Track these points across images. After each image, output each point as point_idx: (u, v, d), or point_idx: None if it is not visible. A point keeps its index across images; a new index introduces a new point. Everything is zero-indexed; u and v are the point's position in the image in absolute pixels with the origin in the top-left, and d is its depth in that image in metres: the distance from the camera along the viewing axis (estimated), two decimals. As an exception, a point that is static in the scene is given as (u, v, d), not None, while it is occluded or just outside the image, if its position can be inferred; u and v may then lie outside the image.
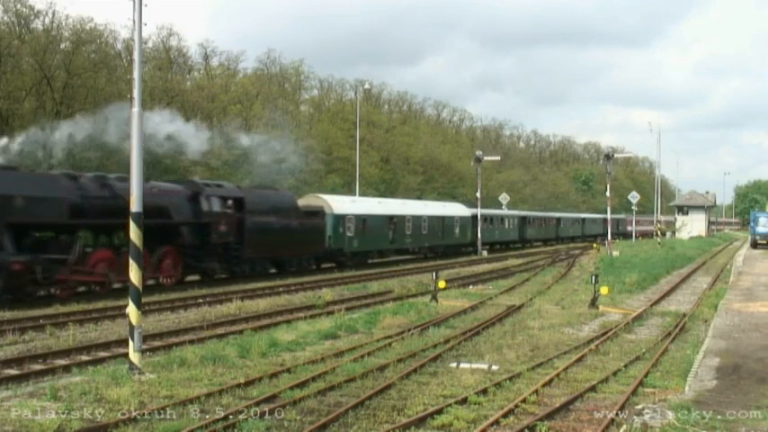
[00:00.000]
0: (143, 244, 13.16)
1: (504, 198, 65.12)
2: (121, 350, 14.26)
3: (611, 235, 71.48)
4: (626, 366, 13.60)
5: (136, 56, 13.07)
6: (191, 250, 27.51)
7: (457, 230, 50.64)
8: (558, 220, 76.81)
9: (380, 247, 41.55)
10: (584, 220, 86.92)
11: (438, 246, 48.52)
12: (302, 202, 37.00)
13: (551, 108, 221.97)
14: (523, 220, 65.96)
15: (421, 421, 10.00)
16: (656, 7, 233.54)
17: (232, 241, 29.01)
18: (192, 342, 15.97)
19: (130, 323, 12.84)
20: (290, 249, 32.88)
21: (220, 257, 28.90)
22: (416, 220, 44.96)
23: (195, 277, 29.21)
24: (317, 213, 35.85)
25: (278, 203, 32.32)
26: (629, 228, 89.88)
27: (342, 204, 38.89)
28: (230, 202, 29.24)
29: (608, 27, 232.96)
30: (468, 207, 55.60)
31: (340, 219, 37.13)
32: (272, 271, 32.26)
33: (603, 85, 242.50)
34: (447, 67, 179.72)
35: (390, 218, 42.25)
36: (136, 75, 13.06)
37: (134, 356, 12.70)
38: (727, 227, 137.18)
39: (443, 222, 48.83)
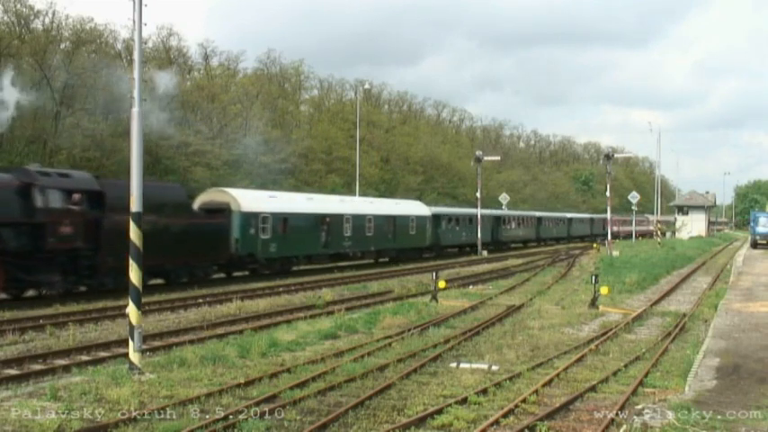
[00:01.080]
0: None
1: (504, 198, 65.05)
2: (121, 350, 14.25)
3: (590, 238, 69.73)
4: (626, 366, 13.61)
5: (136, 56, 13.07)
6: (17, 259, 21.27)
7: (413, 232, 44.61)
8: (539, 219, 70.28)
9: (308, 251, 35.02)
10: (569, 220, 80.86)
11: (388, 249, 42.68)
12: (204, 197, 31.71)
13: (551, 108, 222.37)
14: (497, 220, 59.72)
15: (421, 421, 9.99)
16: (656, 7, 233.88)
17: (82, 247, 22.88)
18: (192, 342, 15.97)
19: (130, 323, 12.84)
20: (179, 256, 26.64)
21: (65, 268, 22.69)
22: (358, 219, 38.98)
23: (199, 278, 29.23)
24: (220, 212, 29.70)
25: (160, 199, 25.32)
26: (614, 228, 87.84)
27: (254, 201, 32.31)
28: (78, 196, 22.90)
29: (607, 27, 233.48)
30: (429, 205, 51.22)
31: (250, 218, 30.71)
32: (158, 282, 26.29)
33: (603, 85, 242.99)
34: (446, 67, 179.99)
35: (322, 217, 36.15)
36: (136, 75, 13.06)
37: (134, 356, 12.70)
38: (725, 227, 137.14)
39: (395, 222, 42.68)
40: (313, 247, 35.09)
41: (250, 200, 31.89)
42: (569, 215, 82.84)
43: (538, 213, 72.26)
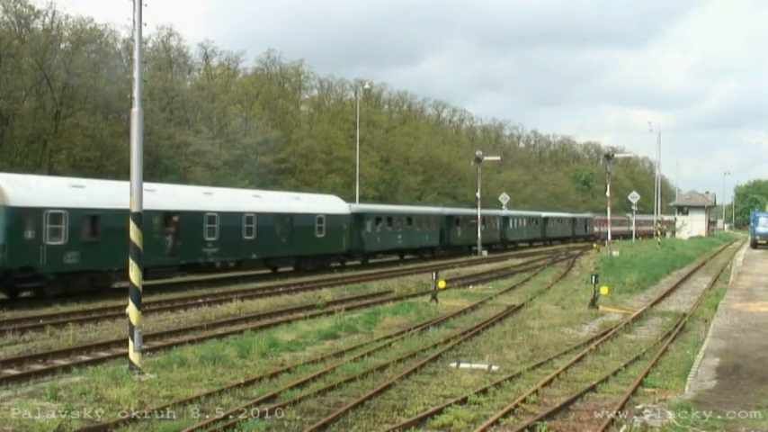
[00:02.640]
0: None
1: (504, 198, 65.00)
2: (121, 350, 14.26)
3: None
4: (626, 366, 13.61)
5: (136, 56, 13.08)
6: None
7: (320, 234, 35.41)
8: (505, 219, 60.62)
9: (143, 262, 21.47)
10: (545, 219, 71.07)
11: (280, 257, 33.40)
12: None
13: (549, 108, 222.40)
14: (449, 219, 50.65)
15: (421, 421, 9.99)
16: (654, 8, 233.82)
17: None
18: (192, 342, 15.97)
19: (130, 323, 12.84)
20: None
21: None
22: (229, 219, 29.54)
23: (195, 277, 29.22)
24: None
25: None
26: (595, 229, 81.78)
27: (36, 191, 22.80)
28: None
29: (605, 27, 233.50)
30: (353, 202, 43.31)
31: (25, 215, 21.66)
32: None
33: (601, 86, 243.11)
34: (445, 67, 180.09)
35: (168, 215, 26.57)
36: (136, 75, 13.08)
37: (134, 356, 12.70)
38: (724, 226, 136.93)
39: (292, 223, 33.53)
40: (152, 257, 23.46)
41: (27, 189, 22.45)
42: (544, 214, 72.80)
43: (504, 212, 62.31)
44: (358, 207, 40.89)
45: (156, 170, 48.23)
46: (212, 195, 30.81)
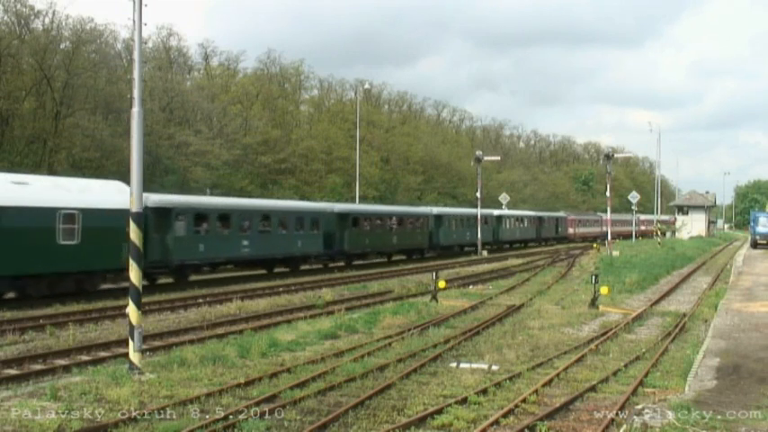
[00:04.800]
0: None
1: (504, 198, 64.96)
2: (121, 350, 14.26)
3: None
4: (626, 366, 13.61)
5: (136, 56, 13.08)
6: None
7: (74, 241, 22.53)
8: (438, 218, 48.20)
9: None
10: (497, 219, 58.65)
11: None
12: None
13: (547, 108, 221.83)
14: (344, 219, 38.04)
15: (421, 421, 9.99)
16: (651, 8, 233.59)
17: None
18: (191, 342, 15.97)
19: (130, 323, 12.84)
20: None
21: None
22: None
23: (198, 277, 29.22)
24: None
25: None
26: (570, 230, 74.35)
27: None
28: None
29: (602, 27, 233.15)
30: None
31: None
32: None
33: (599, 86, 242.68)
34: (442, 67, 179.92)
35: None
36: (136, 75, 13.08)
37: (134, 356, 12.70)
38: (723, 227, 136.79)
39: (12, 224, 21.07)
40: None
41: None
42: (497, 212, 59.50)
43: (436, 210, 49.79)
44: (165, 198, 27.94)
45: (156, 170, 48.23)
46: None
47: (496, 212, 59.62)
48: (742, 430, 9.19)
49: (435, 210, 48.32)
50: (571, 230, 74.84)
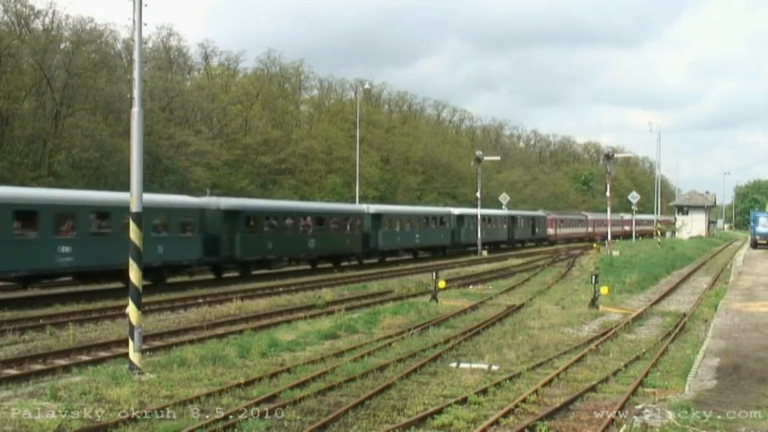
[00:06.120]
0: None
1: (504, 198, 64.95)
2: (121, 350, 14.26)
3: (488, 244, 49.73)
4: (626, 366, 13.61)
5: (136, 56, 13.07)
6: None
7: None
8: (377, 217, 41.28)
9: None
10: (458, 218, 51.37)
11: None
12: None
13: (546, 108, 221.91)
14: (232, 216, 30.31)
15: (421, 421, 9.99)
16: (650, 8, 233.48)
17: None
18: (191, 342, 15.97)
19: (130, 323, 12.83)
20: None
21: None
22: None
23: (200, 277, 29.22)
24: None
25: None
26: (550, 231, 68.84)
27: None
28: None
29: (602, 27, 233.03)
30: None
31: None
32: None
33: (598, 86, 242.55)
34: (441, 67, 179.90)
35: None
36: (136, 75, 13.07)
37: (134, 356, 12.69)
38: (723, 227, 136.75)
39: None
40: None
41: None
42: (456, 211, 52.79)
43: (373, 207, 42.90)
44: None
45: (156, 170, 48.25)
46: None
47: (456, 211, 52.72)
48: (742, 430, 9.19)
49: (373, 208, 42.43)
50: (552, 231, 68.40)
